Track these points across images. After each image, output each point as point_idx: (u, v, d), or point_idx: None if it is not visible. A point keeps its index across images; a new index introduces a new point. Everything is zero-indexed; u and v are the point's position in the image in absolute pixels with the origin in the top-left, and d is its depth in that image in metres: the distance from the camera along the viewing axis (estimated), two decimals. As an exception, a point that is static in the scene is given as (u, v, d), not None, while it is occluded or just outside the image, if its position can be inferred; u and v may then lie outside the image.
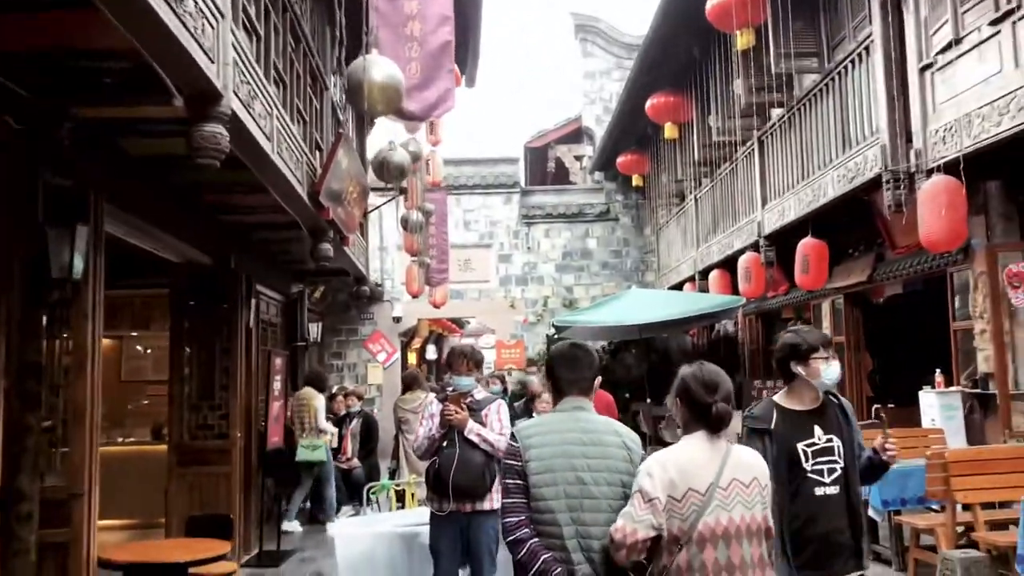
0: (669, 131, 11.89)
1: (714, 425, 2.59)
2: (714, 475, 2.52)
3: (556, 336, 13.43)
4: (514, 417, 6.56)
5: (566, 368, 2.89)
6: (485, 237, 16.95)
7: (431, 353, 26.44)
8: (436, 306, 11.41)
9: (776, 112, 9.50)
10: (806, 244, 8.71)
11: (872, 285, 8.86)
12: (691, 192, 13.08)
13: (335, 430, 10.09)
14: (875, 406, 10.01)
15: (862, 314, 9.61)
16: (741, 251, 10.53)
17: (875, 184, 7.32)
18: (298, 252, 8.34)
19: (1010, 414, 6.08)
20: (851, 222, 8.95)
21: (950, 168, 6.04)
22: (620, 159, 14.97)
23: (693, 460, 2.56)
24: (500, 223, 16.93)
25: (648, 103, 12.03)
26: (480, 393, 4.78)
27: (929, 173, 6.24)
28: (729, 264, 11.68)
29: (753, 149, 10.11)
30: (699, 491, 2.50)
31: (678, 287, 14.15)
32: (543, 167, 18.64)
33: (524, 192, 17.08)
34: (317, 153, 6.58)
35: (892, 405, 10.16)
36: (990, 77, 5.55)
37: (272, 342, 9.47)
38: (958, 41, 5.90)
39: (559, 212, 16.91)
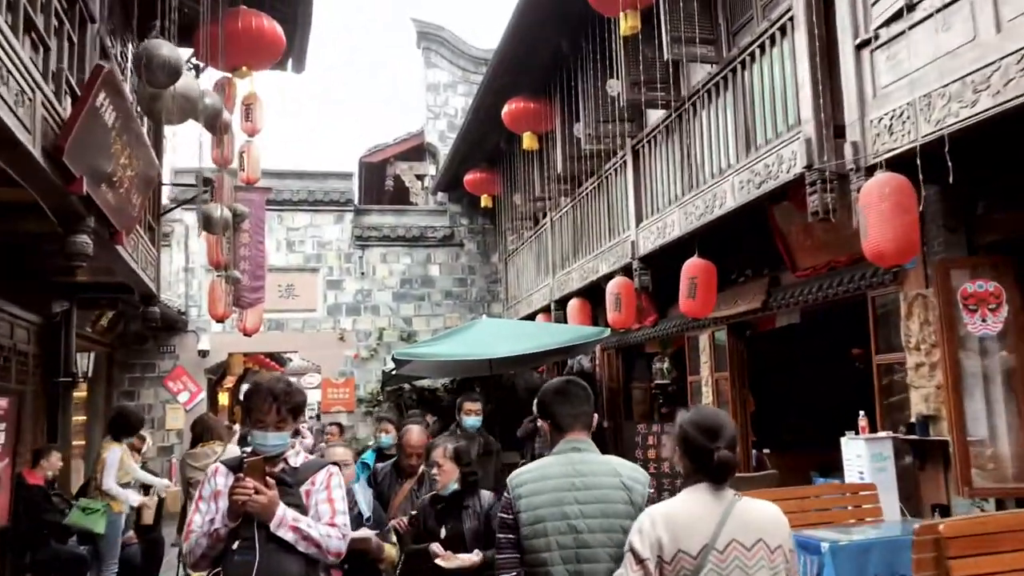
0: (528, 141, 10.54)
1: (717, 474, 2.33)
2: (710, 535, 2.25)
3: (393, 372, 11.65)
4: (379, 496, 4.79)
5: (565, 404, 2.73)
6: (312, 260, 14.94)
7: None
8: (246, 333, 9.33)
9: (656, 116, 8.32)
10: (693, 265, 7.49)
11: (766, 313, 7.77)
12: (549, 213, 11.77)
13: (139, 499, 7.55)
14: (755, 450, 8.98)
15: (746, 347, 8.53)
16: (608, 276, 9.26)
17: (793, 188, 6.20)
18: (53, 255, 6.12)
19: (969, 467, 4.96)
20: (742, 241, 7.85)
21: (894, 165, 4.93)
22: (468, 176, 13.50)
23: (690, 516, 2.30)
24: (330, 245, 14.99)
25: (504, 109, 10.63)
26: (298, 456, 2.98)
27: (870, 171, 5.10)
28: (591, 292, 10.42)
29: (626, 160, 8.89)
30: (690, 554, 2.24)
31: (529, 319, 12.78)
32: (380, 185, 16.90)
33: (358, 211, 15.26)
34: (69, 102, 4.58)
35: (768, 451, 9.19)
36: (959, 48, 4.46)
37: (19, 377, 7.11)
38: (911, 8, 4.81)
39: (398, 235, 15.19)
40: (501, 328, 10.95)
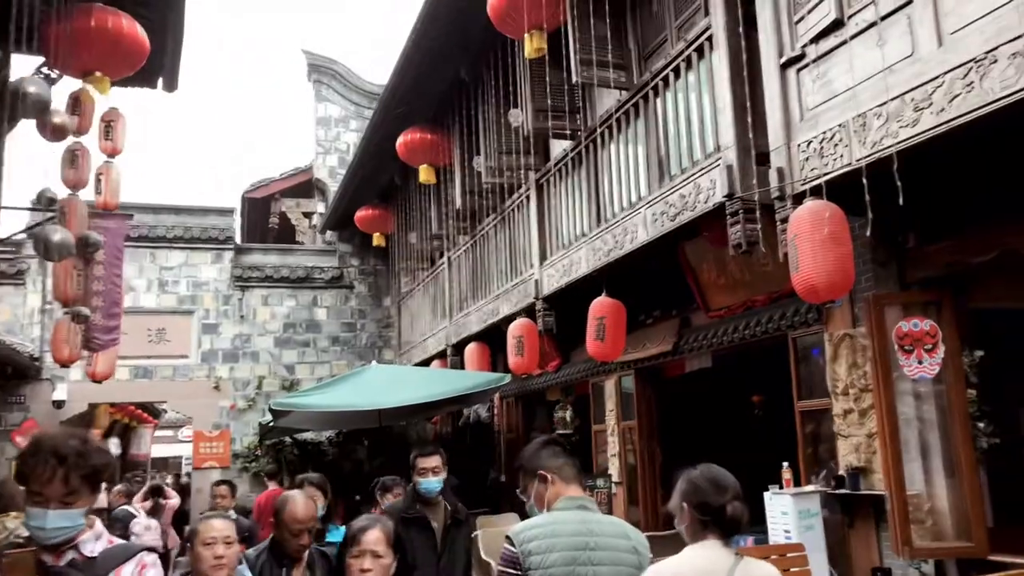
0: (424, 175, 9.89)
1: (729, 528, 2.30)
2: None
3: (271, 424, 10.62)
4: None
5: (560, 458, 2.69)
6: (186, 302, 13.74)
7: (113, 448, 21.81)
8: (96, 379, 8.18)
9: (562, 147, 7.85)
10: (601, 304, 6.97)
11: (676, 357, 7.29)
12: (446, 252, 11.11)
13: None
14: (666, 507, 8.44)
15: (654, 393, 8.03)
16: (510, 318, 8.64)
17: (705, 222, 5.75)
18: None
19: (908, 524, 4.49)
20: (651, 281, 7.39)
21: (822, 193, 4.53)
22: (359, 213, 12.73)
23: (699, 573, 2.28)
24: (207, 285, 13.85)
25: (400, 139, 9.97)
26: (96, 542, 2.14)
27: (797, 199, 4.69)
28: (491, 336, 9.78)
29: (529, 194, 8.36)
30: None
31: (424, 366, 11.99)
32: (264, 222, 15.89)
33: (239, 249, 14.20)
34: None
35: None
36: (897, 63, 4.10)
37: None
38: (840, 24, 4.46)
39: (281, 276, 14.19)
40: (392, 375, 10.14)
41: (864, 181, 4.10)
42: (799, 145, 4.74)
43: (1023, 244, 4.32)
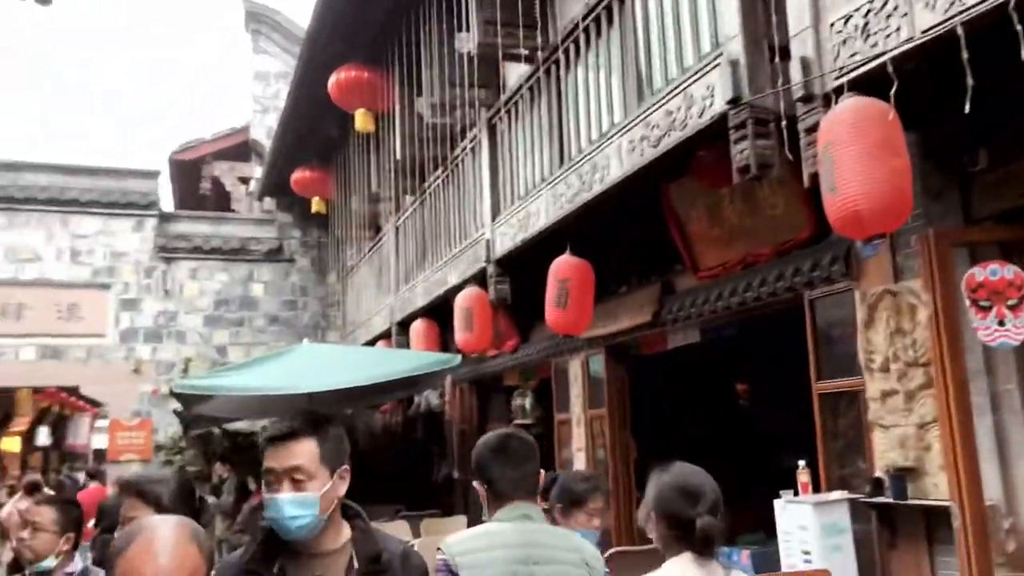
0: (361, 121, 8.46)
1: (700, 545, 2.03)
2: None
3: (183, 412, 9.18)
4: None
5: (503, 463, 2.33)
6: (102, 274, 12.20)
7: (43, 438, 20.13)
8: None
9: (518, 75, 6.47)
10: (565, 265, 5.63)
11: (655, 330, 5.96)
12: (390, 217, 9.70)
13: None
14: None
15: (628, 376, 6.71)
16: (459, 288, 7.28)
17: (696, 157, 4.45)
18: None
19: (987, 550, 3.19)
20: (626, 237, 6.06)
21: (862, 88, 3.23)
22: (295, 175, 11.25)
23: None
24: (126, 256, 12.32)
25: (332, 79, 8.53)
26: None
27: (829, 99, 3.36)
28: (440, 311, 8.39)
29: (480, 138, 6.98)
30: None
31: (370, 346, 10.59)
32: (194, 188, 14.33)
33: (164, 217, 12.67)
34: None
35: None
36: None
37: None
38: None
39: (212, 247, 12.68)
40: (325, 356, 8.70)
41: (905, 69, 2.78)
42: (832, 24, 3.41)
43: None
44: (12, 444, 19.56)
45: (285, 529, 1.88)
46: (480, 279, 6.95)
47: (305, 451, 1.90)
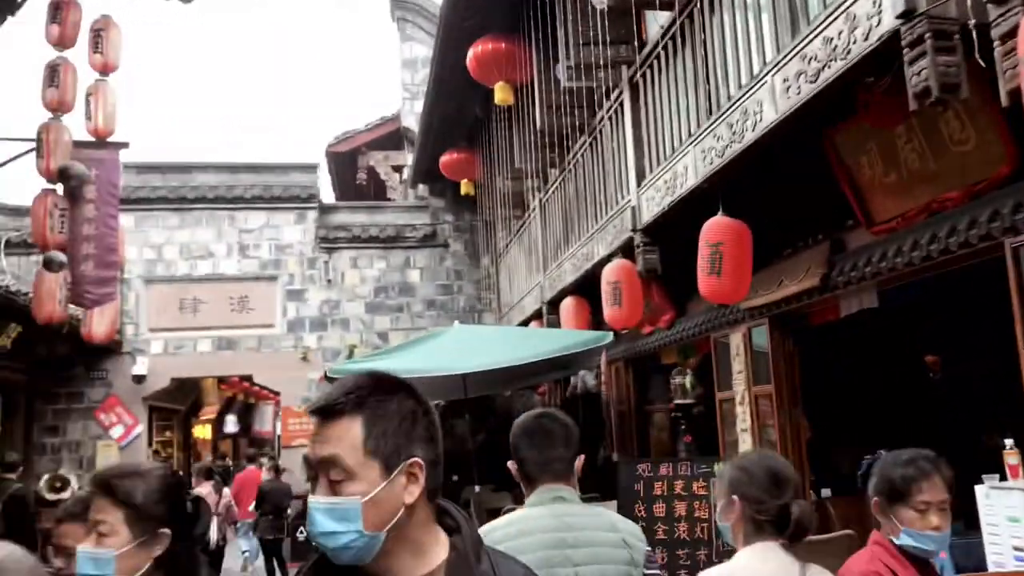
0: (501, 94, 8.22)
1: (794, 533, 1.97)
2: None
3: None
4: None
5: (534, 447, 2.24)
6: (269, 267, 12.72)
7: (230, 426, 21.58)
8: (90, 341, 7.03)
9: (658, 25, 5.98)
10: (717, 226, 5.11)
11: (825, 296, 5.32)
12: (537, 193, 9.43)
13: None
14: (815, 496, 6.51)
15: (796, 348, 6.07)
16: (606, 260, 6.89)
17: (864, 94, 3.85)
18: None
19: None
20: (788, 192, 5.45)
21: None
22: (443, 158, 11.21)
23: None
24: (290, 248, 12.78)
25: (470, 55, 8.33)
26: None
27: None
28: (589, 287, 8.02)
29: (622, 99, 6.54)
30: None
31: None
32: (351, 178, 14.69)
33: (324, 209, 13.03)
34: None
35: (829, 494, 6.77)
36: None
37: None
38: None
39: (370, 235, 12.92)
40: (476, 336, 8.61)
41: None
42: (1034, -101, 2.75)
43: None
44: (204, 431, 21.08)
45: (325, 549, 1.29)
46: (627, 250, 6.53)
47: (345, 435, 1.28)
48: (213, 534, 7.65)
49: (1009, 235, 3.71)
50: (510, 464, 2.32)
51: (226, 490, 8.28)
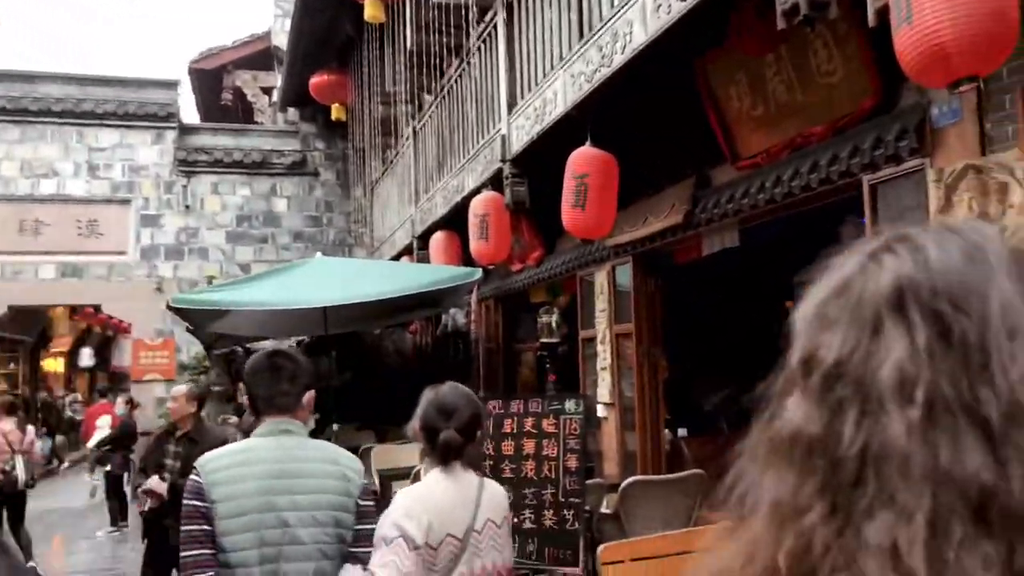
0: (371, 9, 7.66)
1: (441, 456, 2.32)
2: (470, 516, 2.29)
3: (197, 331, 8.78)
4: None
5: (261, 382, 2.38)
6: (121, 189, 11.81)
7: (85, 359, 20.31)
8: None
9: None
10: (583, 158, 4.90)
11: (688, 233, 5.21)
12: (411, 121, 8.99)
13: None
14: (670, 435, 6.53)
15: (659, 287, 5.98)
16: (477, 193, 6.60)
17: (739, 18, 3.65)
18: None
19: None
20: (656, 126, 5.27)
21: None
22: (313, 80, 10.56)
23: (449, 498, 2.28)
24: (146, 170, 11.88)
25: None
26: None
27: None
28: (459, 221, 7.71)
29: (496, 21, 6.18)
30: (456, 536, 2.25)
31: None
32: (216, 99, 13.75)
33: (184, 129, 12.15)
34: None
35: (685, 433, 6.83)
36: None
37: None
38: None
39: (234, 160, 12.15)
40: (338, 269, 8.15)
41: None
42: None
43: None
44: (55, 365, 19.80)
45: None
46: (497, 182, 6.25)
47: None
48: (20, 473, 7.02)
49: (868, 171, 3.62)
50: (243, 398, 2.38)
51: (30, 428, 7.61)
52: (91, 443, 9.99)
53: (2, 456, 6.92)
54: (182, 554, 2.22)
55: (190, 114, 13.81)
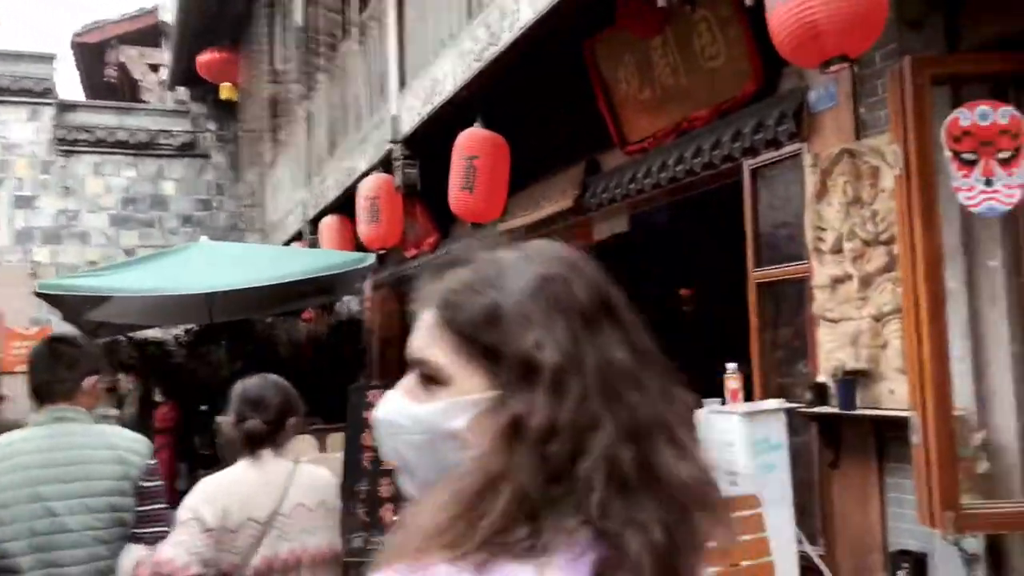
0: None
1: (246, 444, 2.33)
2: (276, 501, 2.29)
3: (74, 319, 8.28)
4: None
5: (39, 369, 2.36)
6: (-8, 168, 11.00)
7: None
8: None
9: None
10: (472, 139, 4.78)
11: (579, 218, 5.16)
12: (301, 100, 8.68)
13: None
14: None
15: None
16: (368, 175, 6.40)
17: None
18: None
19: (954, 471, 2.49)
20: (548, 110, 5.19)
21: None
22: (201, 57, 10.08)
23: (250, 484, 2.31)
24: (19, 148, 11.13)
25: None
26: None
27: None
28: (351, 204, 7.48)
29: (389, -3, 5.98)
30: (258, 520, 2.26)
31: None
32: (100, 75, 13.01)
33: (63, 107, 11.40)
34: None
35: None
36: None
37: None
38: None
39: (118, 140, 11.49)
40: (223, 253, 7.79)
41: None
42: None
43: None
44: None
45: None
46: (388, 164, 6.07)
47: None
48: None
49: (748, 156, 3.62)
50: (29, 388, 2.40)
51: None
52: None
53: None
54: None
55: (74, 91, 12.99)
